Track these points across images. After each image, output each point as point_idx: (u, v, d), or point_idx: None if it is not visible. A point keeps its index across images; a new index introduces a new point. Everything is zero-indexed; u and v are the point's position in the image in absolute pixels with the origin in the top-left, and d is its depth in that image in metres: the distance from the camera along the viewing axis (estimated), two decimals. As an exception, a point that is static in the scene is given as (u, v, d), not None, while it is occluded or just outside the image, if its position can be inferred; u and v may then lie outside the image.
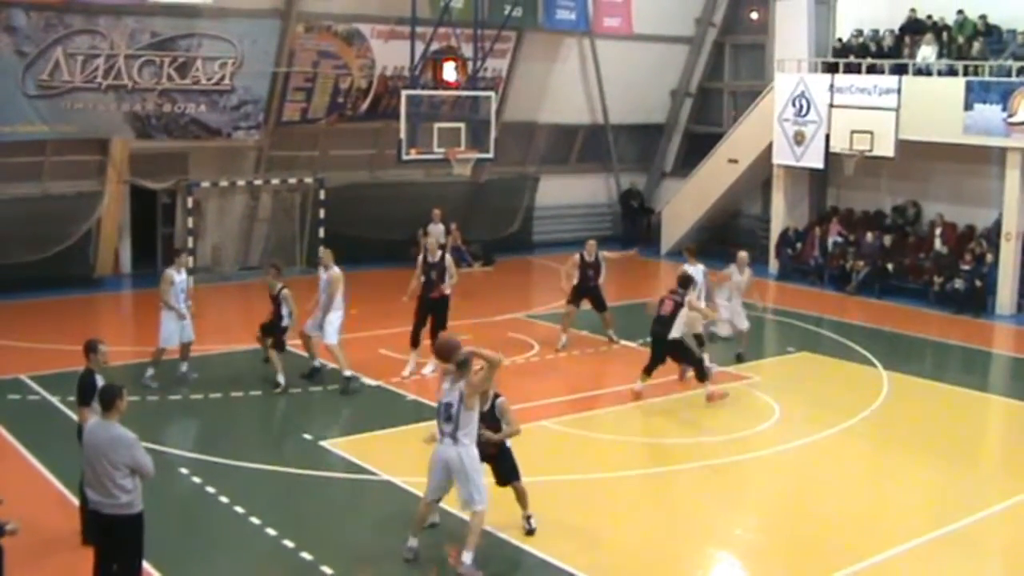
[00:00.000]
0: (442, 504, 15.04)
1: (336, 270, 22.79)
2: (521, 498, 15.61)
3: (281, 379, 21.90)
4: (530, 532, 15.44)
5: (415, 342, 23.45)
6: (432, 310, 23.29)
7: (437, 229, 32.86)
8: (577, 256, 26.75)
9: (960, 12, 34.02)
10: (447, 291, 23.46)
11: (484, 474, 14.84)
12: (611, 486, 17.70)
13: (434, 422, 14.71)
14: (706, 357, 22.80)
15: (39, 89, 30.17)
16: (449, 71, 32.66)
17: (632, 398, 22.00)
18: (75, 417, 14.50)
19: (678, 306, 21.75)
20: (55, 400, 20.67)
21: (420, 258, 23.70)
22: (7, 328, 26.51)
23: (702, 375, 22.01)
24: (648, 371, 22.14)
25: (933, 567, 15.15)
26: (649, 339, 22.64)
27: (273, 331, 22.48)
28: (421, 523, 14.97)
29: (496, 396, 15.35)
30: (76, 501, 14.43)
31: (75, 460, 13.20)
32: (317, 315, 22.66)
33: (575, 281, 26.61)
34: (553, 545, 14.99)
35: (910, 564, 15.10)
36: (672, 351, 22.04)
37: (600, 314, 27.02)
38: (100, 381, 13.51)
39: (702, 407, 22.02)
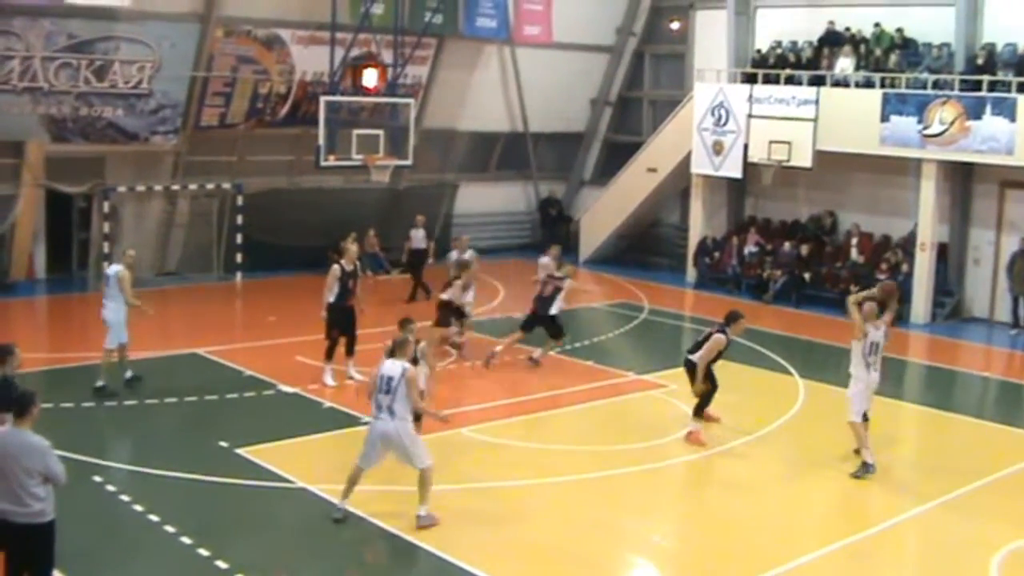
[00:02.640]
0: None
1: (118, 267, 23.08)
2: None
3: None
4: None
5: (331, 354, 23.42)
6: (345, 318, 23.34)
7: (418, 234, 33.34)
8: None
9: (877, 25, 34.38)
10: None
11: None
12: (527, 493, 17.70)
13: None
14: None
15: (-48, 91, 29.83)
16: (369, 77, 32.57)
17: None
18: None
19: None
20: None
21: (336, 268, 23.38)
22: (-83, 333, 26.14)
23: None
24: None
25: (845, 574, 15.28)
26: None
27: None
28: (351, 486, 15.93)
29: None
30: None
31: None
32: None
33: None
34: (468, 552, 14.97)
35: (822, 571, 15.20)
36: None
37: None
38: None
39: (619, 415, 22.11)
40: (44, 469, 11.79)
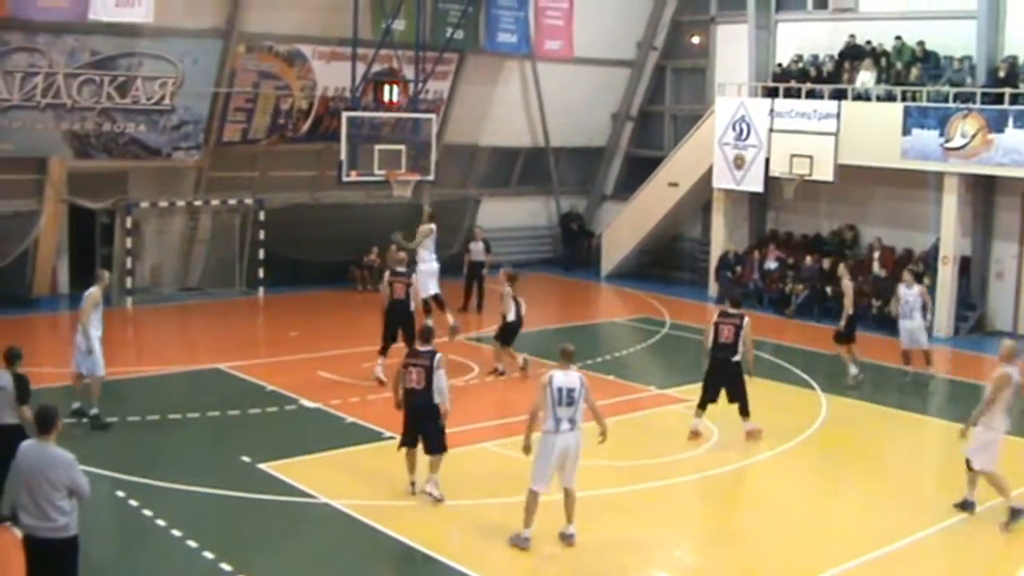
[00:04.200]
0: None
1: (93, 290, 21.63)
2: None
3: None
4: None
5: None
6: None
7: (478, 247, 33.69)
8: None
9: (898, 38, 34.31)
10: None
11: None
12: (549, 508, 17.67)
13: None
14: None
15: (-24, 107, 29.96)
16: (390, 93, 32.62)
17: (690, 438, 21.45)
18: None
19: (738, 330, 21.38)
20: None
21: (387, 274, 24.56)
22: (-58, 348, 26.21)
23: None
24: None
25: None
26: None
27: None
28: (531, 514, 15.82)
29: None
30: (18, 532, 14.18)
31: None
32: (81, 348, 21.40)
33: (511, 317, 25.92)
34: (490, 567, 14.97)
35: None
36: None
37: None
38: None
39: (640, 430, 22.08)
40: (70, 482, 11.90)
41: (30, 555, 12.24)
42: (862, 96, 33.60)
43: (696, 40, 41.93)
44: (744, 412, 21.42)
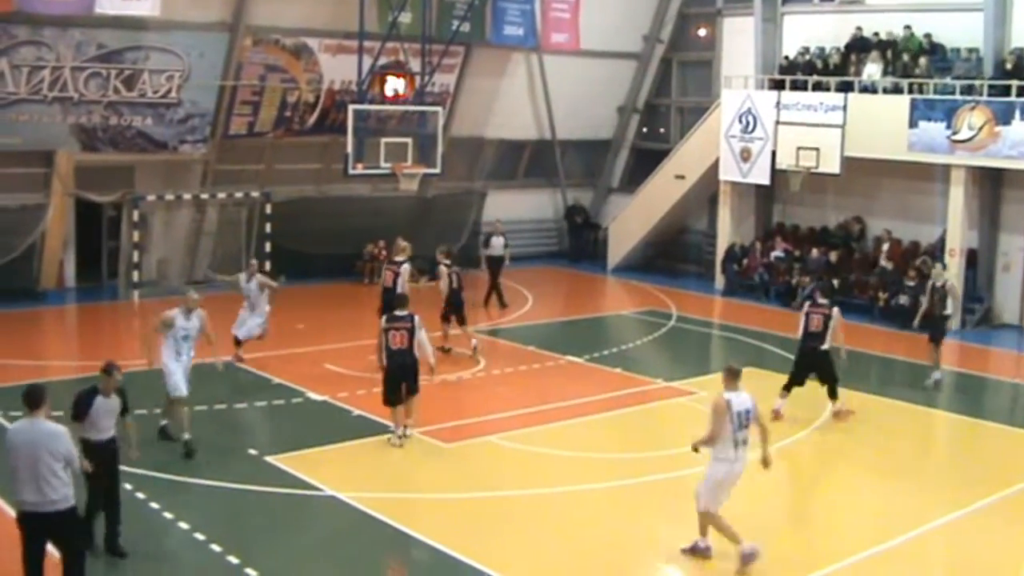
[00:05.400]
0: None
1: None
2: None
3: None
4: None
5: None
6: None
7: (498, 241, 33.56)
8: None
9: (908, 27, 34.23)
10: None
11: None
12: (556, 501, 17.69)
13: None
14: None
15: (-18, 101, 30.00)
16: (397, 85, 32.63)
17: (773, 418, 21.65)
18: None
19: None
20: (-3, 415, 20.49)
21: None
22: (-51, 342, 26.28)
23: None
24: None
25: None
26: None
27: None
28: (730, 531, 15.32)
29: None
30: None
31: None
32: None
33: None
34: (497, 560, 14.97)
35: (854, 578, 15.18)
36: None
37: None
38: (99, 406, 14.47)
39: (647, 422, 22.10)
40: (66, 452, 12.44)
41: (32, 535, 12.52)
42: (869, 88, 33.58)
43: (702, 33, 41.94)
44: (832, 395, 22.33)
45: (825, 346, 22.31)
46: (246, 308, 24.99)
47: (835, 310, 22.52)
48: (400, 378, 19.88)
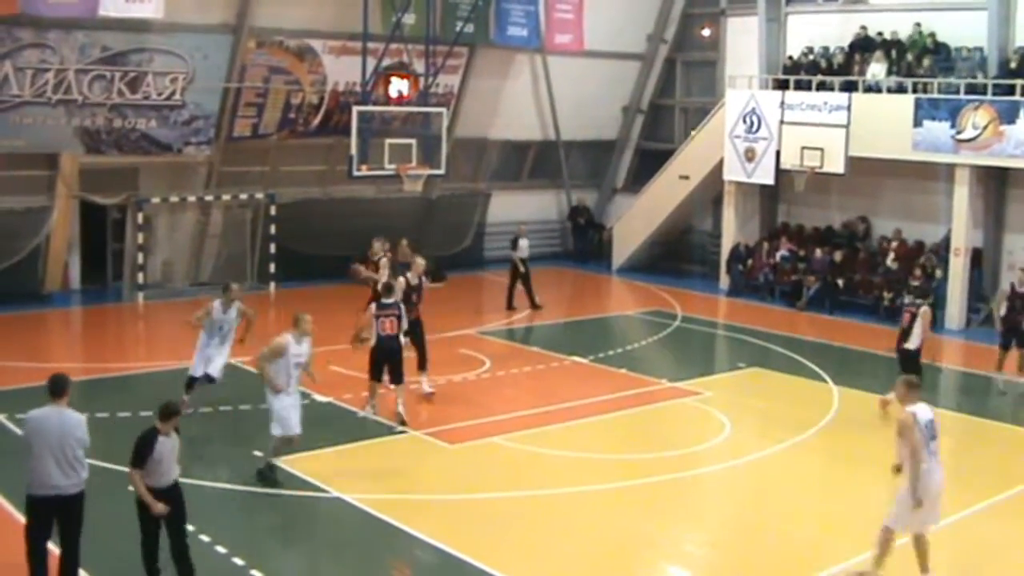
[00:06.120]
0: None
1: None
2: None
3: None
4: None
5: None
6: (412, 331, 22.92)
7: (524, 243, 33.32)
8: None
9: (917, 24, 34.18)
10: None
11: None
12: (561, 502, 17.70)
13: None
14: None
15: (-13, 104, 30.02)
16: (401, 87, 32.63)
17: (881, 405, 22.00)
18: (20, 433, 14.31)
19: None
20: (2, 417, 20.48)
21: (401, 280, 23.24)
22: (-46, 344, 26.29)
23: None
24: None
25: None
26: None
27: None
28: (885, 557, 14.70)
29: None
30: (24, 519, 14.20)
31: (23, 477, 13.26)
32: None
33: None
34: (503, 562, 14.97)
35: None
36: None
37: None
38: (162, 447, 13.66)
39: (652, 423, 22.11)
40: (85, 437, 13.19)
41: (46, 517, 13.13)
42: (873, 88, 33.58)
43: (706, 33, 41.90)
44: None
45: (910, 345, 22.45)
46: (214, 342, 21.35)
47: (922, 309, 22.58)
48: (384, 360, 21.27)
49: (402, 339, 21.66)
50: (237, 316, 21.27)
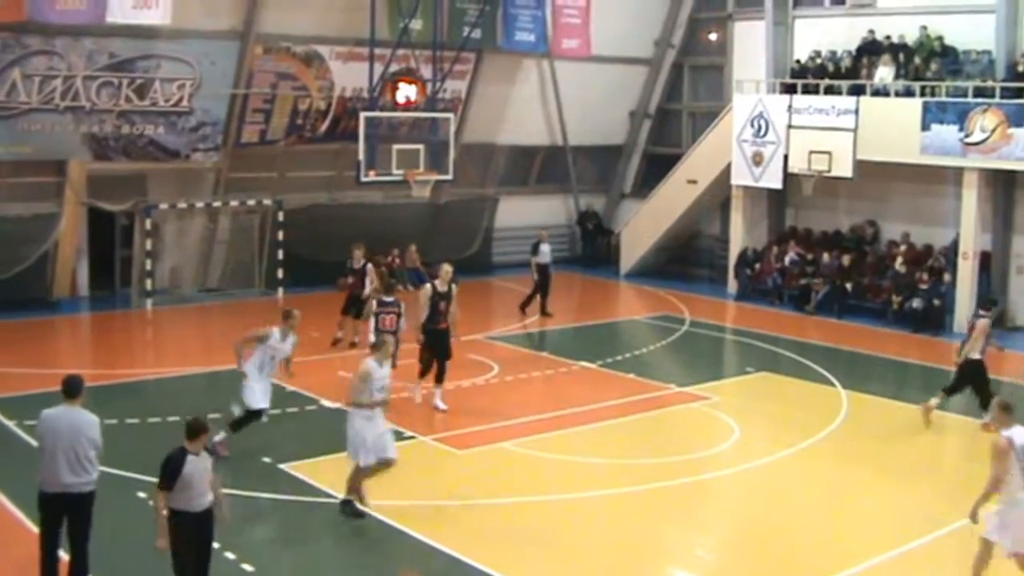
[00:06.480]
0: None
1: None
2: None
3: None
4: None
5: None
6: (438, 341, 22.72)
7: (546, 248, 33.10)
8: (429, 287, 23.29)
9: (924, 27, 34.14)
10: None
11: None
12: (570, 507, 17.67)
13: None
14: None
15: (-5, 110, 30.06)
16: (408, 92, 32.63)
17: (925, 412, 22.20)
18: (29, 439, 14.35)
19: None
20: (11, 424, 20.50)
21: (427, 288, 22.93)
22: (-37, 351, 26.30)
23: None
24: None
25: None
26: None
27: None
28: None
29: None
30: (35, 528, 14.18)
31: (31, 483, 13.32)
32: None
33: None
34: (512, 568, 14.96)
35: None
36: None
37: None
38: (191, 467, 12.78)
39: (660, 428, 22.09)
40: (98, 438, 13.34)
41: (56, 515, 13.34)
42: (881, 92, 33.53)
43: (713, 37, 41.91)
44: (983, 406, 21.68)
45: (974, 355, 22.27)
46: (262, 375, 19.71)
47: (979, 321, 22.63)
48: None
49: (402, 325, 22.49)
50: (291, 347, 19.77)
